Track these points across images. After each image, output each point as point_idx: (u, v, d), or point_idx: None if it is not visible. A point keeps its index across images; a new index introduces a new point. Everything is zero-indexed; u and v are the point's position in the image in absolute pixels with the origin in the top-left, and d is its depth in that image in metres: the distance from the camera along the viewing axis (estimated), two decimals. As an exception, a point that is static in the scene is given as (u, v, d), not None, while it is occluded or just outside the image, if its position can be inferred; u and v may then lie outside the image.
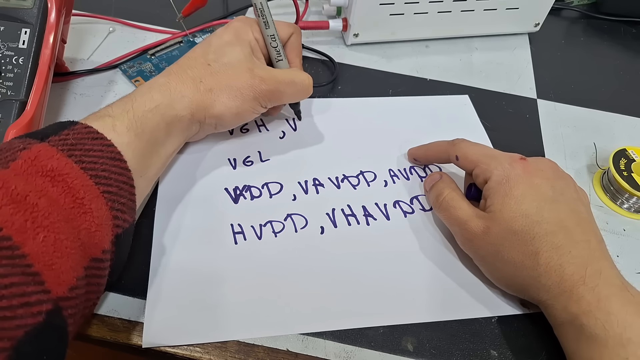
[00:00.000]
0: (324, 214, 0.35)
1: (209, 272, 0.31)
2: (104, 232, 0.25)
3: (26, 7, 0.33)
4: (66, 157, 0.24)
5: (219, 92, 0.32)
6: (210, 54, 0.33)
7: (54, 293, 0.21)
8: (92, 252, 0.24)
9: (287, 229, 0.34)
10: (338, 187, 0.37)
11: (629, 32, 0.58)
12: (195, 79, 0.32)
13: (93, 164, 0.25)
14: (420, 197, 0.37)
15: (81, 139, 0.26)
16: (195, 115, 0.32)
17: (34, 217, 0.22)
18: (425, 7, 0.48)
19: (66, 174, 0.24)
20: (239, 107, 0.33)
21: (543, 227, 0.28)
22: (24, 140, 0.25)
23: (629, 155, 0.39)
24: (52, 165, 0.24)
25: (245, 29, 0.35)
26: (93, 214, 0.24)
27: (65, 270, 0.22)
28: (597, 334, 0.25)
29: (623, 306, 0.26)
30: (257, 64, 0.34)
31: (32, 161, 0.23)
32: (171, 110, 0.31)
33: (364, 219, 0.35)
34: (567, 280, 0.27)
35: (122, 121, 0.28)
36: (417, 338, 0.30)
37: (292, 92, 0.35)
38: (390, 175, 0.39)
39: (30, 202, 0.22)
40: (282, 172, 0.38)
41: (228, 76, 0.33)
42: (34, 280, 0.21)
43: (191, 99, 0.32)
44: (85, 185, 0.24)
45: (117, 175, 0.26)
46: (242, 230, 0.34)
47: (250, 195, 0.36)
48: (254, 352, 0.28)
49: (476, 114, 0.44)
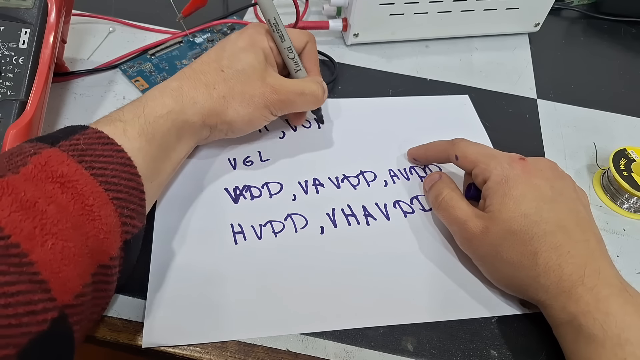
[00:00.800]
0: (324, 214, 0.35)
1: (209, 272, 0.31)
2: (113, 239, 0.25)
3: (26, 7, 0.33)
4: (76, 162, 0.24)
5: (231, 99, 0.32)
6: (224, 60, 0.33)
7: (60, 301, 0.21)
8: (100, 259, 0.24)
9: (287, 228, 0.34)
10: (338, 187, 0.37)
11: (629, 32, 0.58)
12: (209, 85, 0.32)
13: (103, 170, 0.25)
14: (420, 197, 0.37)
15: (92, 144, 0.26)
16: (206, 121, 0.32)
17: (43, 224, 0.22)
18: (425, 7, 0.48)
19: (76, 180, 0.24)
20: (250, 115, 0.33)
21: (542, 227, 0.28)
22: (34, 144, 0.25)
23: (629, 155, 0.39)
24: (62, 171, 0.24)
25: (260, 36, 0.34)
26: (102, 221, 0.24)
27: (72, 278, 0.22)
28: (595, 334, 0.25)
29: (621, 306, 0.26)
30: (269, 72, 0.34)
31: (42, 166, 0.23)
32: (182, 115, 0.31)
33: (364, 219, 0.35)
34: (565, 281, 0.27)
35: (134, 126, 0.28)
36: (417, 338, 0.30)
37: (303, 102, 0.35)
38: (390, 175, 0.39)
39: (39, 208, 0.22)
40: (282, 172, 0.38)
41: (241, 83, 0.33)
42: (41, 288, 0.21)
43: (203, 105, 0.31)
44: (95, 192, 0.24)
45: (127, 182, 0.26)
46: (242, 230, 0.34)
47: (250, 195, 0.36)
48: (254, 352, 0.28)
49: (476, 114, 0.44)
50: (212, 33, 0.47)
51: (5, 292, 0.19)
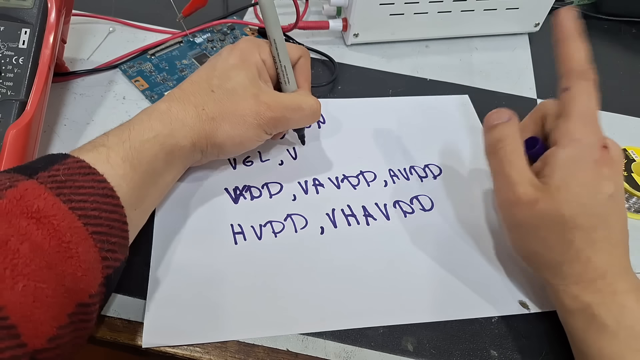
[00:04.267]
0: (324, 214, 0.35)
1: (209, 272, 0.31)
2: (92, 276, 0.24)
3: (26, 7, 0.33)
4: (54, 196, 0.23)
5: (221, 121, 0.31)
6: (214, 79, 0.32)
7: (31, 346, 0.20)
8: (78, 298, 0.23)
9: (287, 229, 0.34)
10: (338, 187, 0.37)
11: (629, 32, 0.58)
12: (198, 106, 0.31)
13: (83, 202, 0.24)
14: (420, 197, 0.37)
15: (72, 175, 0.24)
16: (196, 144, 0.31)
17: (14, 264, 0.20)
18: (425, 7, 0.48)
19: (53, 215, 0.22)
20: (241, 136, 0.32)
21: (591, 221, 0.27)
22: (11, 175, 0.23)
23: (629, 155, 0.39)
24: (38, 206, 0.22)
25: (251, 51, 0.33)
26: (80, 258, 0.23)
27: (45, 321, 0.21)
28: (608, 324, 0.26)
29: (637, 302, 0.26)
30: (262, 88, 0.32)
31: (17, 201, 0.22)
32: (171, 139, 0.29)
33: (364, 219, 0.35)
34: (589, 273, 0.27)
35: (117, 152, 0.27)
36: (417, 338, 0.30)
37: (299, 118, 0.34)
38: (390, 175, 0.39)
39: (11, 247, 0.21)
40: (282, 172, 0.37)
41: (232, 102, 0.31)
42: (9, 334, 0.19)
43: (192, 128, 0.30)
44: (73, 227, 0.23)
45: (108, 214, 0.25)
46: (242, 230, 0.34)
47: (250, 196, 0.36)
48: (254, 352, 0.28)
49: (476, 114, 0.44)
50: (212, 33, 0.48)
51: None
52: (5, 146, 0.31)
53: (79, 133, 0.39)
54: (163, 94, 0.42)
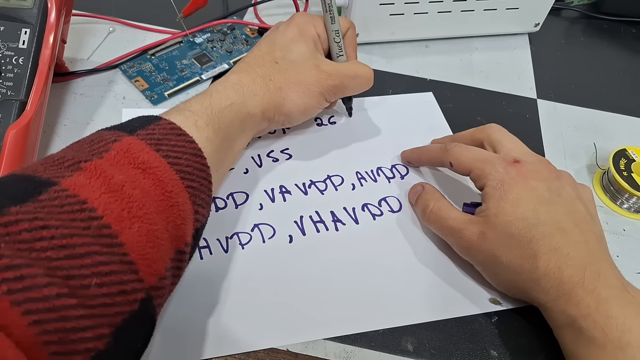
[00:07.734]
0: (292, 222, 0.34)
1: (175, 290, 0.28)
2: (188, 226, 0.25)
3: (26, 7, 0.33)
4: (154, 151, 0.25)
5: (287, 90, 0.33)
6: (276, 52, 0.34)
7: (147, 282, 0.22)
8: (177, 244, 0.25)
9: (254, 240, 0.33)
10: (305, 194, 0.36)
11: (629, 32, 0.58)
12: (265, 77, 0.33)
13: (178, 159, 0.26)
14: (389, 199, 0.37)
15: (166, 135, 0.26)
16: (265, 113, 0.33)
17: (130, 206, 0.22)
18: (425, 7, 0.48)
19: (156, 167, 0.24)
20: (306, 104, 0.34)
21: (540, 230, 0.28)
22: (113, 132, 0.25)
23: (629, 155, 0.39)
24: (143, 158, 0.24)
25: (308, 25, 0.35)
26: (180, 208, 0.25)
27: (156, 261, 0.23)
28: (595, 337, 0.25)
29: (622, 308, 0.26)
30: (321, 59, 0.35)
31: (124, 153, 0.24)
32: (244, 107, 0.32)
33: (332, 224, 0.35)
34: (566, 283, 0.27)
35: (202, 117, 0.29)
36: (417, 338, 0.30)
37: (356, 84, 0.36)
38: (357, 178, 0.38)
39: (126, 192, 0.22)
40: (247, 181, 0.36)
41: (296, 73, 0.34)
42: (130, 269, 0.21)
43: (262, 97, 0.33)
44: (173, 179, 0.25)
45: (198, 172, 0.27)
46: (207, 244, 0.32)
47: (215, 207, 0.34)
48: (254, 352, 0.28)
49: (440, 111, 0.44)
50: (212, 33, 0.48)
51: (100, 272, 0.20)
52: (5, 146, 0.31)
53: (79, 133, 0.39)
54: (163, 94, 0.42)
